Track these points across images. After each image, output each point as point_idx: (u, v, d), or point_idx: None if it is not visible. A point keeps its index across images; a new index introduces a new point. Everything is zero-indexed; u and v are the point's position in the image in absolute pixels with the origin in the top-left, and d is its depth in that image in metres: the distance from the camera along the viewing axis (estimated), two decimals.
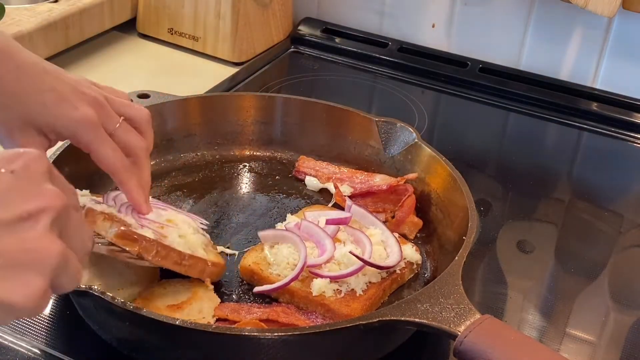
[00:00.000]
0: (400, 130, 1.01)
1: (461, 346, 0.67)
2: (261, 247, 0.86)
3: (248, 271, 0.84)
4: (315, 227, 0.86)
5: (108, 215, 0.76)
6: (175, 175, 1.02)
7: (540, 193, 1.11)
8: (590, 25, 1.29)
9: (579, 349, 0.84)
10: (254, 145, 1.07)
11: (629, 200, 1.14)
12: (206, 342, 0.70)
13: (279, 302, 0.81)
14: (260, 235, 0.86)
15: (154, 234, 0.75)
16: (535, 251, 0.98)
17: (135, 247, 0.73)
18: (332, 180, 1.00)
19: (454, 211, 0.90)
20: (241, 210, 0.97)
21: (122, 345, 0.76)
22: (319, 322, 0.78)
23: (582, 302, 0.91)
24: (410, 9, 1.41)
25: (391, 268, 0.83)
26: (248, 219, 0.95)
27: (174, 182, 1.00)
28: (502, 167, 1.18)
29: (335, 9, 1.48)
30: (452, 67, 1.37)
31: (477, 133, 1.27)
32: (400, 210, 0.92)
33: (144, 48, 1.40)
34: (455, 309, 0.71)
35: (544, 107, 1.30)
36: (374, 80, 1.36)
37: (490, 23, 1.36)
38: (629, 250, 1.02)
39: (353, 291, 0.80)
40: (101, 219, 0.75)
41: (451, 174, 0.92)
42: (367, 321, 0.70)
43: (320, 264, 0.82)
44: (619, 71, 1.30)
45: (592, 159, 1.24)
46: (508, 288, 0.90)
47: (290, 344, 0.70)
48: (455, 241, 0.85)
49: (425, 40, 1.42)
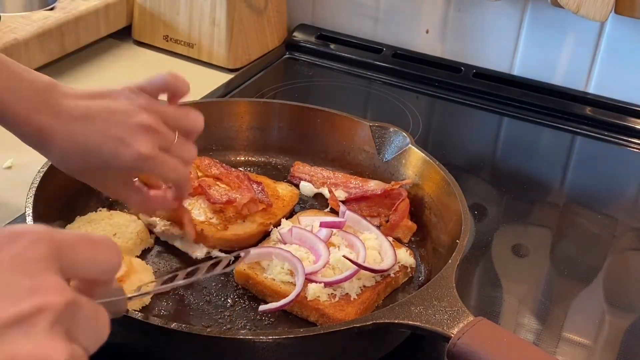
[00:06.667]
0: (394, 135, 1.01)
1: (454, 348, 0.68)
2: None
3: (243, 276, 0.84)
4: (307, 232, 0.86)
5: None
6: None
7: (535, 197, 1.11)
8: (582, 30, 1.29)
9: (575, 352, 0.84)
10: (249, 151, 1.07)
11: (623, 204, 1.14)
12: (201, 346, 0.70)
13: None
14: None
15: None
16: (530, 255, 0.98)
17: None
18: (327, 185, 1.00)
19: (447, 215, 0.90)
20: None
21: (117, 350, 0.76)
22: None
23: (577, 305, 0.91)
24: (404, 15, 1.42)
25: (385, 272, 0.84)
26: None
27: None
28: (497, 171, 1.19)
29: (329, 15, 1.48)
30: (446, 73, 1.38)
31: (471, 138, 1.28)
32: (394, 214, 0.93)
33: (140, 55, 1.40)
34: (448, 311, 0.71)
35: (537, 112, 1.31)
36: (369, 86, 1.37)
37: (483, 28, 1.37)
38: (624, 253, 1.02)
39: (347, 295, 0.81)
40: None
41: (445, 178, 0.92)
42: (361, 324, 0.70)
43: (317, 270, 0.82)
44: (611, 75, 1.31)
45: (586, 163, 1.25)
46: (503, 292, 0.91)
47: (284, 348, 0.70)
48: (449, 245, 0.85)
49: (419, 45, 1.43)
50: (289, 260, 0.82)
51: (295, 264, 0.81)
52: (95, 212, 0.91)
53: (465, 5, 1.37)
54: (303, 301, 0.80)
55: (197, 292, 0.83)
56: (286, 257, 0.83)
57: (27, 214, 0.80)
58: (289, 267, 0.83)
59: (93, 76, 1.31)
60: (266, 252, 0.85)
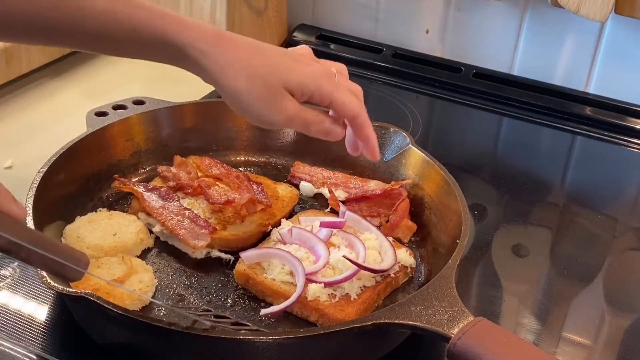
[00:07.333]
0: (394, 135, 1.01)
1: (454, 348, 0.68)
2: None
3: (243, 276, 0.84)
4: (307, 232, 0.86)
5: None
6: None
7: (535, 197, 1.11)
8: (582, 30, 1.29)
9: (575, 352, 0.84)
10: (249, 151, 1.07)
11: (623, 203, 1.14)
12: (201, 345, 0.70)
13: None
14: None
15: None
16: (530, 255, 0.98)
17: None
18: (327, 185, 1.00)
19: (447, 215, 0.90)
20: None
21: (118, 350, 0.76)
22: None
23: (577, 305, 0.91)
24: (404, 15, 1.42)
25: (385, 272, 0.84)
26: None
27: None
28: (497, 171, 1.19)
29: (329, 15, 1.48)
30: (446, 73, 1.38)
31: (471, 138, 1.28)
32: (394, 214, 0.93)
33: None
34: (448, 311, 0.71)
35: (537, 112, 1.31)
36: (369, 86, 1.37)
37: (483, 28, 1.37)
38: (624, 253, 1.02)
39: (347, 295, 0.81)
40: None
41: (445, 178, 0.92)
42: (361, 324, 0.70)
43: (317, 271, 0.82)
44: (611, 75, 1.31)
45: (586, 163, 1.25)
46: (503, 292, 0.91)
47: (285, 348, 0.70)
48: (448, 245, 0.85)
49: (419, 45, 1.43)
50: (289, 261, 0.82)
51: (295, 265, 0.81)
52: (95, 212, 0.91)
53: (465, 5, 1.37)
54: (303, 301, 0.80)
55: (197, 292, 0.83)
56: (286, 259, 0.83)
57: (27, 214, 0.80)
58: (289, 268, 0.83)
59: (94, 75, 1.31)
60: (266, 253, 0.85)
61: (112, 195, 0.96)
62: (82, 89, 1.27)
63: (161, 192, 0.93)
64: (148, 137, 1.02)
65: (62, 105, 1.22)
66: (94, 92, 1.26)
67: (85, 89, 1.28)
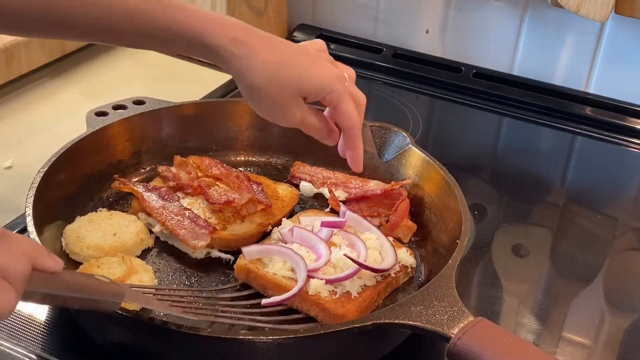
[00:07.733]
0: (395, 135, 1.01)
1: (454, 348, 0.68)
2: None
3: (244, 270, 0.84)
4: (308, 232, 0.86)
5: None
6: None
7: (535, 197, 1.11)
8: (582, 30, 1.29)
9: (575, 352, 0.84)
10: (249, 151, 1.07)
11: (623, 203, 1.14)
12: (202, 345, 0.70)
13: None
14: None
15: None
16: (531, 255, 0.98)
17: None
18: (327, 185, 1.00)
19: (447, 215, 0.90)
20: None
21: (118, 350, 0.76)
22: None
23: (577, 305, 0.91)
24: (404, 15, 1.42)
25: (386, 271, 0.84)
26: None
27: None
28: (497, 171, 1.19)
29: (329, 15, 1.48)
30: (446, 73, 1.38)
31: (471, 138, 1.28)
32: (395, 214, 0.93)
33: (141, 55, 1.40)
34: (448, 311, 0.71)
35: (537, 112, 1.31)
36: (369, 86, 1.37)
37: (483, 28, 1.37)
38: (624, 253, 1.02)
39: (348, 293, 0.81)
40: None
41: (445, 178, 0.92)
42: (361, 324, 0.70)
43: (319, 268, 0.82)
44: (611, 75, 1.31)
45: (586, 163, 1.25)
46: (503, 292, 0.91)
47: (284, 347, 0.70)
48: (449, 245, 0.85)
49: (419, 45, 1.43)
50: (290, 257, 0.82)
51: (296, 261, 0.82)
52: (95, 212, 0.91)
53: (465, 5, 1.37)
54: (304, 295, 0.79)
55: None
56: (288, 255, 0.83)
57: (27, 214, 0.80)
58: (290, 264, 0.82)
59: (94, 76, 1.31)
60: (267, 249, 0.85)
61: (112, 195, 0.97)
62: (82, 89, 1.27)
63: (161, 192, 0.93)
64: (148, 137, 1.02)
65: (62, 105, 1.22)
66: (94, 92, 1.26)
67: (85, 89, 1.28)
